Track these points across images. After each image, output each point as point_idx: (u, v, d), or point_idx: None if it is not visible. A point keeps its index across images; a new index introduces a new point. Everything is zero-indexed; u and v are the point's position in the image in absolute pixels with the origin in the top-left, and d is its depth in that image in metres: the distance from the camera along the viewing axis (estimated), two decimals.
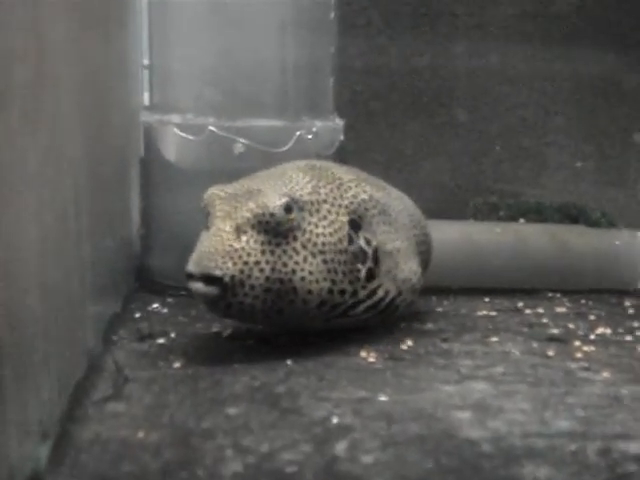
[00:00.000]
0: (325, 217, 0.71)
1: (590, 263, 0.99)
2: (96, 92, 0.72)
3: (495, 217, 1.18)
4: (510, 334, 0.79)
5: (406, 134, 1.19)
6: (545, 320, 0.85)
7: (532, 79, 1.19)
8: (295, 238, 0.69)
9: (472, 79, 1.19)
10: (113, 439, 0.53)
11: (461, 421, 0.57)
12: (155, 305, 0.87)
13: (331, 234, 0.71)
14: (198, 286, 0.67)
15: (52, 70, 0.54)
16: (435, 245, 0.89)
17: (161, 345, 0.74)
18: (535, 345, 0.76)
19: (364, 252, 0.73)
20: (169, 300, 0.89)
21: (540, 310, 0.90)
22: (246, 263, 0.67)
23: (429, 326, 0.82)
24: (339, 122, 0.96)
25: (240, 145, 0.89)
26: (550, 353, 0.73)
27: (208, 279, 0.67)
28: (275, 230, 0.68)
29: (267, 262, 0.68)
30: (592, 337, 0.79)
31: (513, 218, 1.16)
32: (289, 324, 0.73)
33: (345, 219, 0.72)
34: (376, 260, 0.74)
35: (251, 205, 0.68)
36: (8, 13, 0.44)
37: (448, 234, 0.96)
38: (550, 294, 0.97)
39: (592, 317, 0.88)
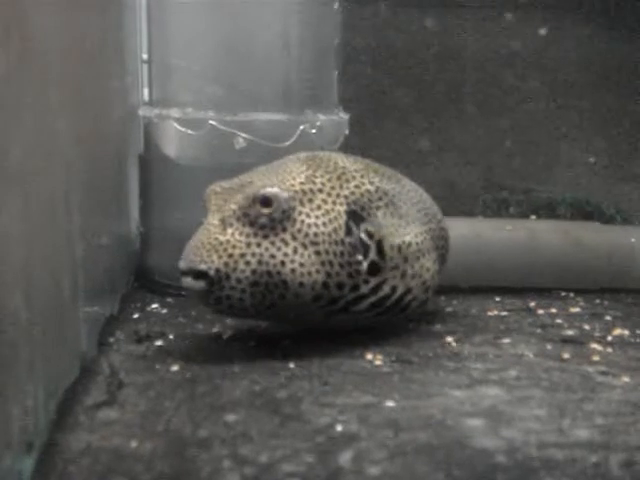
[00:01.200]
0: (319, 207, 0.68)
1: (605, 261, 0.95)
2: (91, 85, 0.70)
3: (505, 214, 1.15)
4: (523, 335, 0.76)
5: (413, 128, 1.16)
6: (559, 321, 0.82)
7: (543, 71, 1.16)
8: (284, 229, 0.67)
9: (481, 71, 1.16)
10: (104, 449, 0.50)
11: (473, 429, 0.54)
12: (154, 305, 0.85)
13: (325, 224, 0.68)
14: (187, 281, 0.67)
15: (38, 58, 0.51)
16: None
17: (159, 347, 0.71)
18: (549, 347, 0.73)
19: (365, 244, 0.70)
20: (169, 300, 0.87)
21: (553, 310, 0.87)
22: (231, 256, 0.66)
23: (438, 327, 0.79)
24: (344, 116, 0.93)
25: (241, 140, 0.86)
26: (565, 356, 0.70)
27: (196, 274, 0.66)
28: (259, 222, 0.66)
29: (253, 255, 0.66)
30: (609, 339, 0.76)
31: (524, 214, 1.14)
32: (286, 319, 0.71)
33: (342, 209, 0.69)
34: (382, 254, 0.71)
35: (238, 197, 0.67)
36: None
37: (457, 231, 0.93)
38: (563, 293, 0.94)
39: (608, 317, 0.84)
